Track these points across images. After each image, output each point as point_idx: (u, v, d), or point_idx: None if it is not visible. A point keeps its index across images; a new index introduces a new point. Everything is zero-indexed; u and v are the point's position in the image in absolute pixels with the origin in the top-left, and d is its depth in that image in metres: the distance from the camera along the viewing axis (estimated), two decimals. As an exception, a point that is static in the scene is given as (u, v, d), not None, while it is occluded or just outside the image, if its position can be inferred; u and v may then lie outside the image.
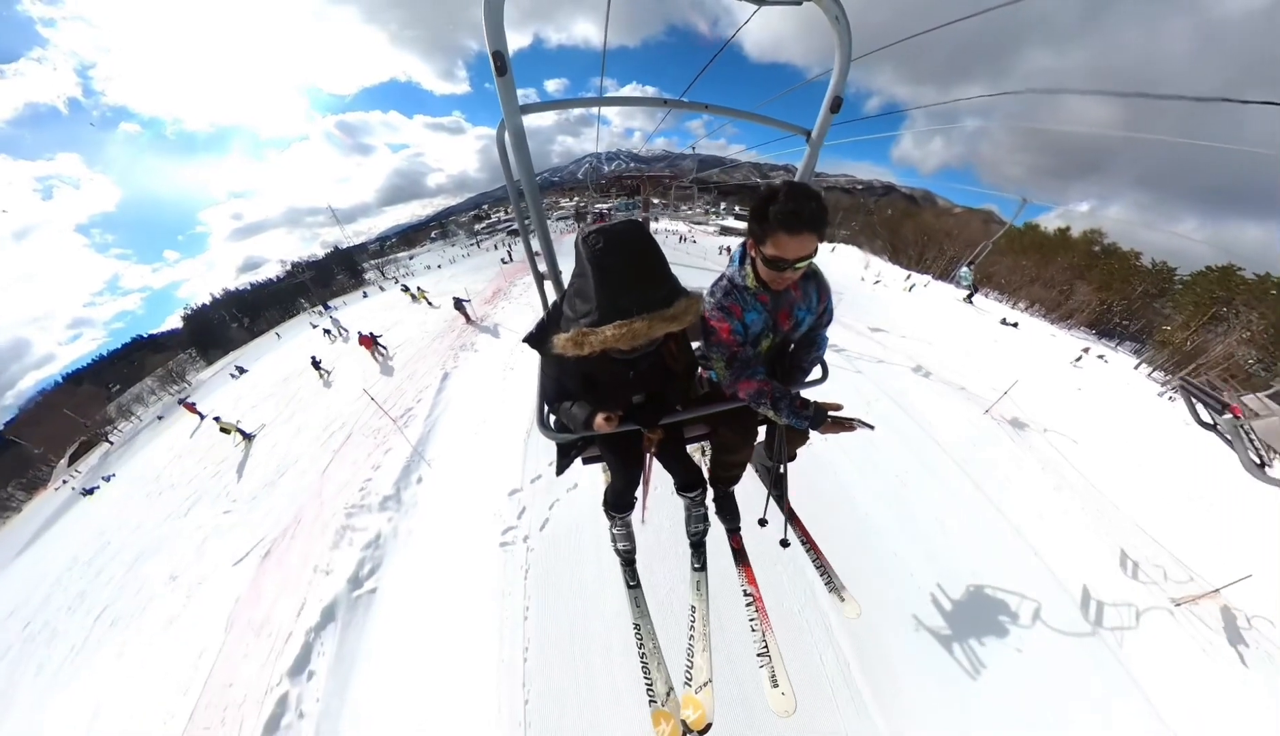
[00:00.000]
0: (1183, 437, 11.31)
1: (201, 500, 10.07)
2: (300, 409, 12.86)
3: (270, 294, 67.39)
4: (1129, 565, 5.87)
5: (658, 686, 1.57)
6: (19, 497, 36.72)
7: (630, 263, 0.94)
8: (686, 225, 50.63)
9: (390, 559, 5.89)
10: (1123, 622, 5.03)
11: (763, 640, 1.69)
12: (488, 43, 0.94)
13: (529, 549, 5.49)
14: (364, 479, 7.45)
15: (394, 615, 5.24)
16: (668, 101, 1.55)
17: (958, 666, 4.24)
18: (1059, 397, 11.88)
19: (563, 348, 1.00)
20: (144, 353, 62.44)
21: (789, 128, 1.51)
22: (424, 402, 9.71)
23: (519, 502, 6.21)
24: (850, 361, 10.08)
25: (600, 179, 53.65)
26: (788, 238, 1.09)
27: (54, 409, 42.63)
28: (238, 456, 11.69)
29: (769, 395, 1.26)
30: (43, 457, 39.40)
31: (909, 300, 22.70)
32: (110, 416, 40.59)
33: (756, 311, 1.33)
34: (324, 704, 4.56)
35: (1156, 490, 8.01)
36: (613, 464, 1.67)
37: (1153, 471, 8.75)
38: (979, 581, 5.00)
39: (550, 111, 1.41)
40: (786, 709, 1.54)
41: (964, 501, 6.37)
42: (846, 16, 1.15)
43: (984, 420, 8.84)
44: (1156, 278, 30.04)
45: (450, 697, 4.31)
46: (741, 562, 1.95)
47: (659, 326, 0.95)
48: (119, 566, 9.24)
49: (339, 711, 4.50)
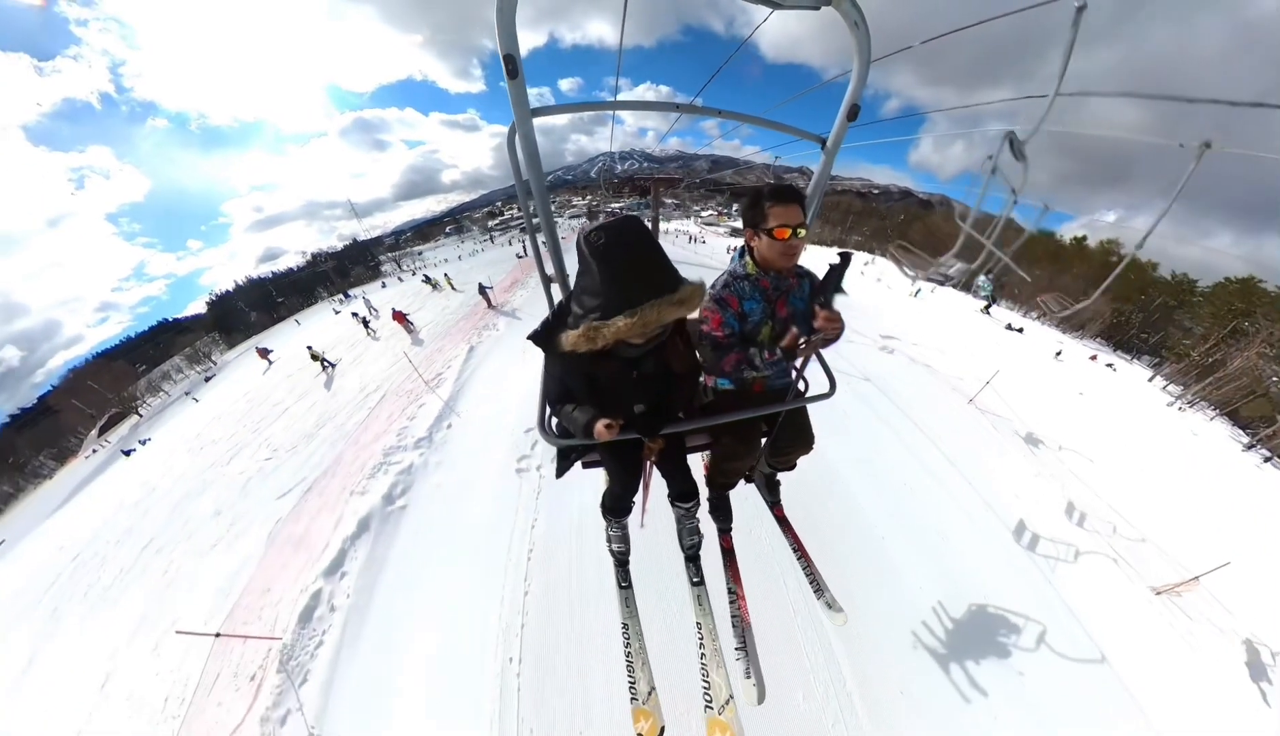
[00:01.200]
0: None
1: (242, 451, 10.77)
2: (336, 375, 13.69)
3: (291, 282, 69.46)
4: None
5: (640, 685, 1.56)
6: (50, 466, 38.42)
7: (633, 254, 0.95)
8: (697, 226, 51.16)
9: (420, 483, 6.56)
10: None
11: (742, 636, 1.75)
12: (499, 45, 0.92)
13: (541, 476, 6.19)
14: (400, 428, 8.07)
15: (420, 528, 5.87)
16: (680, 106, 1.51)
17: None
18: (1060, 401, 11.85)
19: (574, 343, 1.00)
20: (169, 335, 64.85)
21: (804, 135, 1.48)
22: (453, 369, 10.42)
23: (534, 437, 6.82)
24: (858, 368, 9.81)
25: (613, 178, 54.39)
26: (781, 208, 1.29)
27: (86, 384, 44.52)
28: (288, 403, 12.70)
29: (748, 360, 1.40)
30: (73, 429, 41.16)
31: (916, 305, 21.78)
32: (140, 391, 42.27)
33: (755, 300, 1.43)
34: (353, 599, 5.17)
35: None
36: (611, 469, 1.66)
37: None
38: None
39: (567, 113, 1.38)
40: (753, 699, 1.63)
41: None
42: (866, 22, 1.10)
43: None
44: (1176, 289, 29.64)
45: (464, 595, 4.92)
46: (729, 562, 1.97)
47: (669, 311, 0.96)
48: (165, 506, 9.95)
49: (366, 605, 5.09)
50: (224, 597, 6.08)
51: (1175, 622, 5.15)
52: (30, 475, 38.94)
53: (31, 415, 51.86)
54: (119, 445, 25.80)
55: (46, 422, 44.00)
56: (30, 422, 47.61)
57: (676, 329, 1.20)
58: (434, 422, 7.97)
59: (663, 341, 1.15)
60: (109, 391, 42.16)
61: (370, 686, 4.42)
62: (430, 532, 5.75)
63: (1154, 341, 29.77)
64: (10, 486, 38.06)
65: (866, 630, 4.26)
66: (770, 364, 1.36)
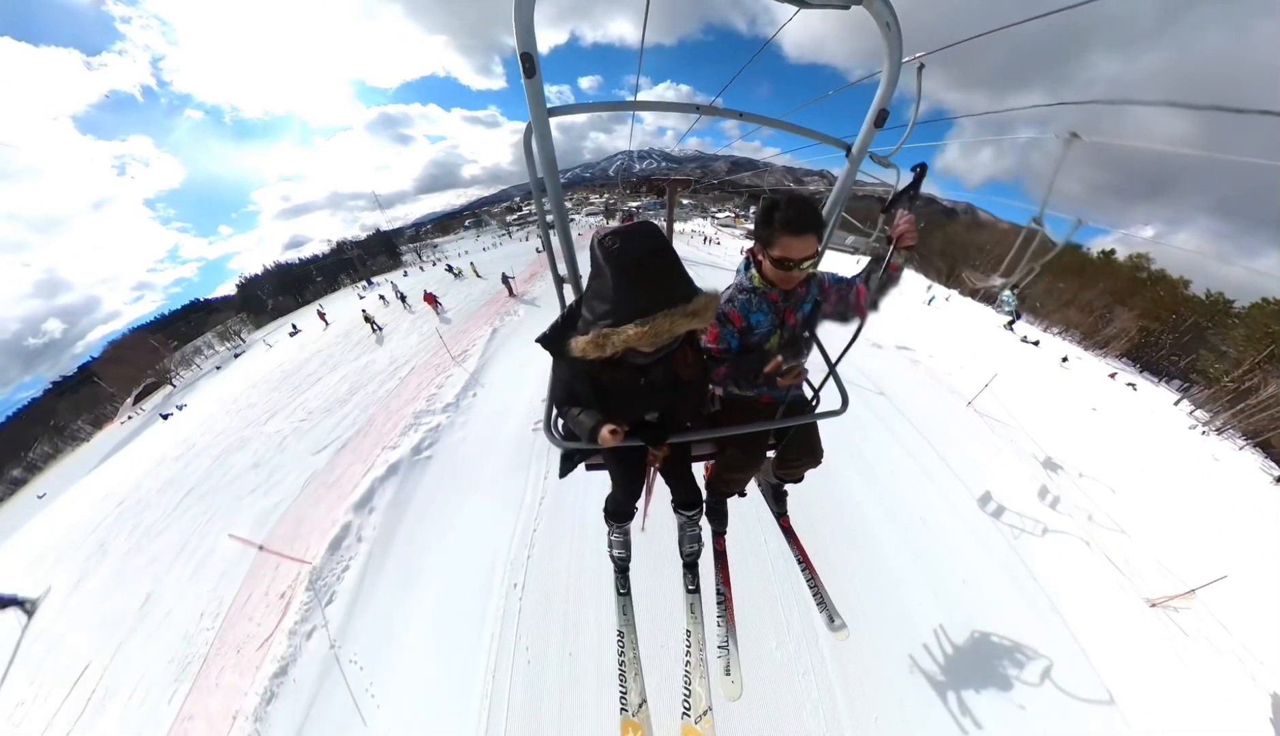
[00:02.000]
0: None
1: (278, 414, 11.46)
2: (366, 351, 14.42)
3: (318, 268, 71.90)
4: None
5: (631, 696, 1.55)
6: (87, 430, 40.66)
7: (648, 262, 0.93)
8: (713, 227, 51.26)
9: (445, 439, 7.27)
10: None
11: (725, 636, 1.78)
12: (517, 44, 0.92)
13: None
14: (429, 394, 8.61)
15: (443, 474, 6.55)
16: (700, 107, 1.46)
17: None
18: (1065, 411, 11.65)
19: (582, 350, 0.98)
20: (200, 314, 67.94)
21: (828, 140, 1.43)
22: (477, 347, 11.06)
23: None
24: (875, 381, 9.69)
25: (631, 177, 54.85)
26: (791, 239, 1.20)
27: (123, 355, 46.93)
28: (321, 373, 13.50)
29: (732, 376, 1.46)
30: (109, 397, 43.46)
31: (929, 314, 21.33)
32: (174, 364, 44.40)
33: (763, 312, 1.41)
34: (379, 531, 5.78)
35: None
36: (615, 474, 1.65)
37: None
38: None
39: (584, 113, 1.36)
40: (733, 694, 1.67)
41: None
42: (899, 23, 1.05)
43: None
44: (1210, 309, 28.53)
45: (478, 531, 5.49)
46: (720, 564, 1.99)
47: (681, 322, 0.94)
48: (206, 459, 10.66)
49: (391, 537, 5.69)
50: (259, 529, 6.68)
51: (1170, 635, 5.11)
52: (69, 438, 41.31)
53: (71, 383, 54.90)
54: (156, 409, 27.26)
55: (85, 390, 46.57)
56: (70, 389, 50.46)
57: (686, 338, 1.16)
58: (460, 391, 8.51)
59: (672, 350, 1.12)
60: (144, 364, 44.35)
61: (389, 608, 4.94)
62: (452, 479, 6.40)
63: (1184, 364, 28.65)
64: (50, 447, 40.48)
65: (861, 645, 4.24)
66: (756, 387, 1.34)
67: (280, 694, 4.44)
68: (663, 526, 1.99)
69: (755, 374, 1.33)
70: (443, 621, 4.65)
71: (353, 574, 5.33)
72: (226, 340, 47.79)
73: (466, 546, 5.32)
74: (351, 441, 8.27)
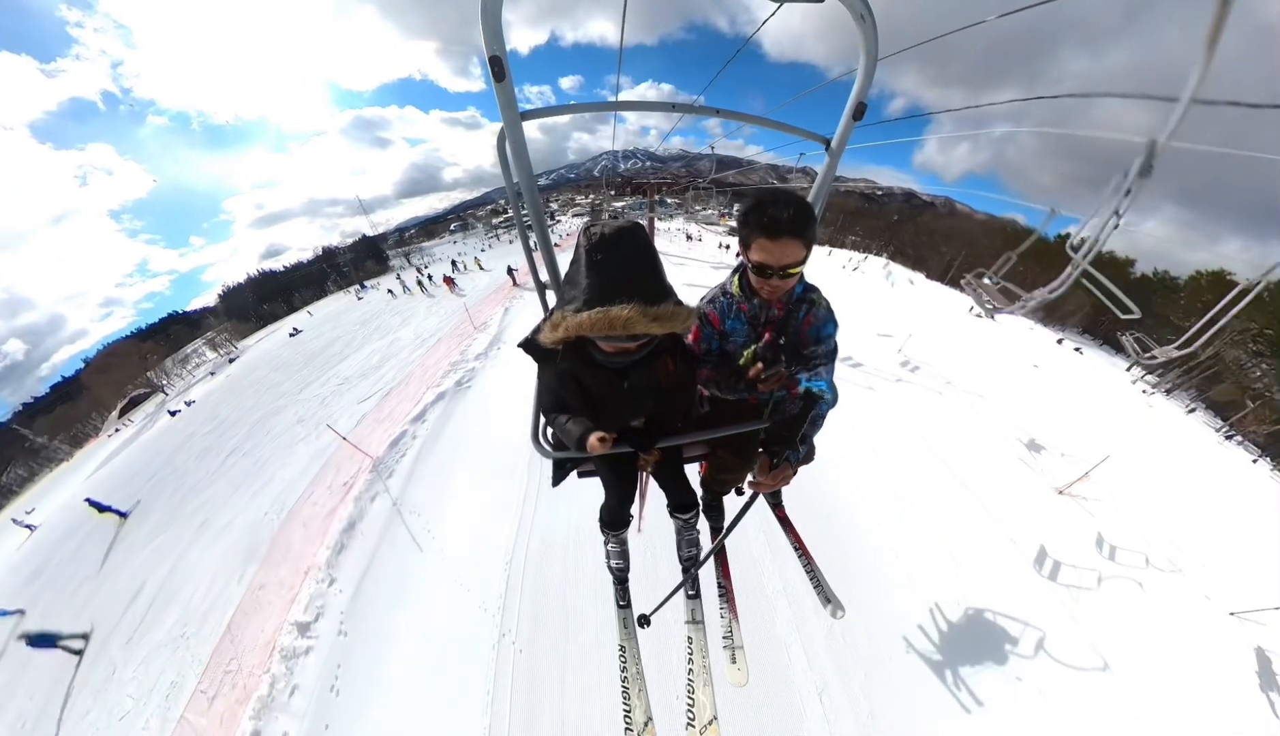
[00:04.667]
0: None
1: (311, 384, 12.37)
2: (390, 331, 15.67)
3: (302, 276, 71.28)
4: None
5: (635, 715, 1.52)
6: (65, 450, 39.33)
7: (623, 255, 0.93)
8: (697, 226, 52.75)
9: (480, 376, 9.23)
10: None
11: (729, 628, 1.80)
12: (485, 47, 0.89)
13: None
14: (461, 349, 9.96)
15: (482, 396, 8.55)
16: (679, 107, 1.47)
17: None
18: (1017, 376, 12.73)
19: (546, 335, 0.99)
20: (178, 327, 66.60)
21: (808, 135, 1.44)
22: (495, 320, 12.61)
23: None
24: (867, 376, 10.02)
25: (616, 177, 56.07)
26: (769, 243, 1.09)
27: (107, 366, 45.87)
28: (347, 353, 14.68)
29: (714, 380, 1.40)
30: (88, 415, 42.30)
31: (894, 294, 22.03)
32: (165, 371, 43.67)
33: (737, 320, 1.35)
34: (430, 429, 7.79)
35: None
36: (607, 481, 1.63)
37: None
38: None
39: (560, 115, 1.33)
40: (740, 681, 1.70)
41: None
42: (873, 15, 1.04)
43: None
44: (1158, 286, 31.25)
45: (510, 430, 7.03)
46: (720, 560, 2.02)
47: (638, 322, 0.91)
48: (244, 427, 11.47)
49: (438, 434, 7.69)
50: (318, 460, 7.97)
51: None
52: (44, 460, 39.70)
53: (45, 403, 52.95)
54: (164, 406, 27.19)
55: (61, 409, 45.05)
56: (44, 409, 48.58)
57: (666, 346, 1.16)
58: (488, 346, 10.02)
59: (647, 354, 1.12)
60: (132, 373, 43.53)
61: (437, 476, 6.78)
62: (489, 400, 8.29)
63: (1134, 336, 30.92)
64: (24, 470, 38.89)
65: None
66: (736, 391, 1.32)
67: (349, 544, 5.86)
68: (661, 529, 1.99)
69: (737, 379, 1.28)
70: (482, 481, 6.42)
71: (408, 459, 7.14)
72: (217, 348, 47.31)
73: (500, 436, 7.05)
74: (396, 390, 9.42)
